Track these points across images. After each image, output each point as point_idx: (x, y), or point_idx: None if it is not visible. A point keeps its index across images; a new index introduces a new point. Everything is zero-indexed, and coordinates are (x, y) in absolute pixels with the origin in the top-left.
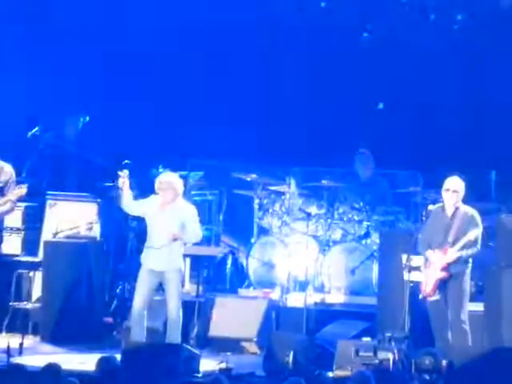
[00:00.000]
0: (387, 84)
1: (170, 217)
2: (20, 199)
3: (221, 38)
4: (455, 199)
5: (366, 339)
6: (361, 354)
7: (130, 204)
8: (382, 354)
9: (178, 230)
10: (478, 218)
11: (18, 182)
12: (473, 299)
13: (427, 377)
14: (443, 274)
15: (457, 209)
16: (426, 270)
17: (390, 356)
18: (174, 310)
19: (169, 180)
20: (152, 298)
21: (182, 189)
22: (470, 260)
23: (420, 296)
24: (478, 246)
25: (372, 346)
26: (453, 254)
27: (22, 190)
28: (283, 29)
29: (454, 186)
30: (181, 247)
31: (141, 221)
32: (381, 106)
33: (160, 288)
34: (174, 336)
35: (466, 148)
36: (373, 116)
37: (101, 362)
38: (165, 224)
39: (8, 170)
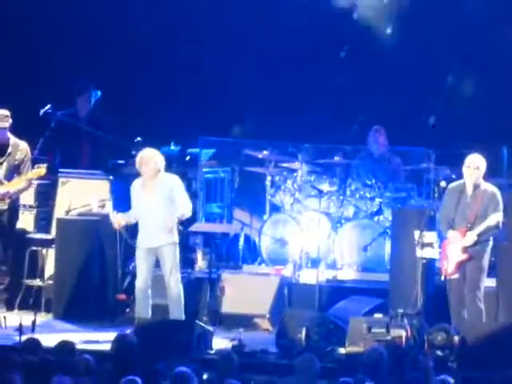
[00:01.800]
0: (399, 61)
1: (155, 193)
2: (38, 178)
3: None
4: (476, 176)
5: (378, 316)
6: (373, 330)
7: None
8: (394, 331)
9: (166, 203)
10: (499, 196)
11: (33, 160)
12: (487, 275)
13: (440, 353)
14: (464, 256)
15: (477, 187)
16: (446, 250)
17: (403, 333)
18: (173, 286)
19: (149, 154)
20: (152, 275)
21: (163, 164)
22: (491, 238)
23: (442, 277)
24: (499, 228)
25: (384, 322)
26: (472, 237)
27: (42, 170)
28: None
29: (474, 163)
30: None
31: None
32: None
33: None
34: (177, 312)
35: (478, 124)
36: (385, 92)
37: (117, 339)
38: (151, 201)
39: (23, 147)
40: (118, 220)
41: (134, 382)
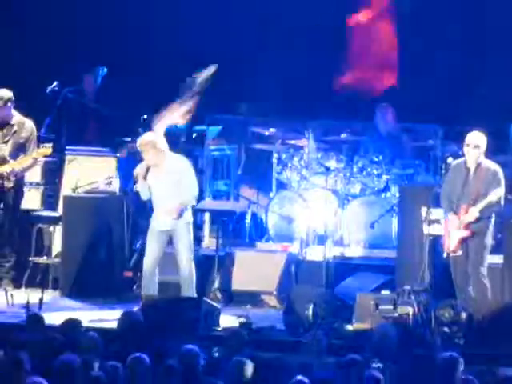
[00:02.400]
0: (408, 37)
1: (166, 179)
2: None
3: None
4: (476, 155)
5: (385, 293)
6: (381, 307)
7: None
8: (401, 308)
9: (176, 185)
10: (501, 174)
11: (39, 138)
12: (491, 252)
13: (447, 329)
14: (466, 233)
15: (479, 164)
16: (448, 228)
17: (410, 310)
18: (186, 265)
19: (147, 140)
20: (162, 254)
21: (165, 145)
22: (493, 215)
23: (444, 254)
24: (501, 204)
25: (391, 299)
26: (474, 213)
27: (47, 149)
28: None
29: (474, 141)
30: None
31: None
32: None
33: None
34: (188, 290)
35: (485, 100)
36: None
37: (124, 316)
38: (163, 187)
39: (29, 125)
40: (141, 172)
41: (141, 359)
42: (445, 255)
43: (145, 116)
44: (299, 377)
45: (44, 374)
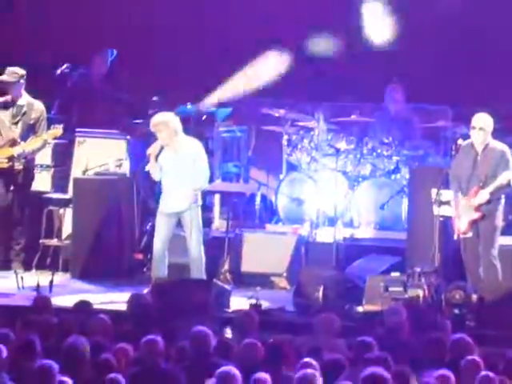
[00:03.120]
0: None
1: (179, 162)
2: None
3: None
4: (482, 137)
5: (395, 274)
6: (390, 289)
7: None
8: (411, 290)
9: (188, 168)
10: (509, 154)
11: (49, 120)
12: (502, 233)
13: (457, 311)
14: (477, 215)
15: (486, 145)
16: (458, 210)
17: (420, 292)
18: (195, 248)
19: (161, 120)
20: (172, 236)
21: (178, 124)
22: (503, 196)
23: (455, 236)
24: (511, 185)
25: (401, 281)
26: (485, 195)
27: (58, 130)
28: None
29: (480, 124)
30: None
31: None
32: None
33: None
34: (198, 273)
35: (495, 81)
36: (403, 49)
37: (132, 299)
38: (175, 170)
39: (38, 107)
40: (153, 152)
41: (154, 340)
42: (455, 237)
43: (155, 98)
44: (307, 359)
45: (55, 357)
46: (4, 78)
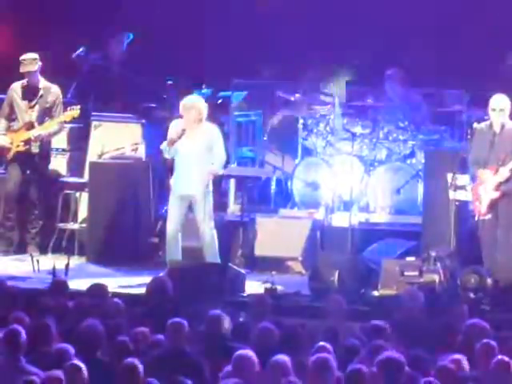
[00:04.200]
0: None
1: (195, 142)
2: (71, 121)
3: None
4: (502, 118)
5: (411, 259)
6: (406, 273)
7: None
8: (427, 274)
9: (205, 153)
10: None
11: (64, 104)
12: None
13: (472, 295)
14: (496, 194)
15: (503, 126)
16: (477, 190)
17: (436, 276)
18: (206, 232)
19: (193, 102)
20: (185, 220)
21: (206, 112)
22: None
23: (476, 218)
24: None
25: (417, 265)
26: (504, 173)
27: (75, 111)
28: None
29: (499, 105)
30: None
31: None
32: None
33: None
34: (211, 257)
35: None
36: (416, 33)
37: (152, 282)
38: (191, 150)
39: (55, 90)
40: (177, 131)
41: (180, 323)
42: (476, 219)
43: (170, 81)
44: (322, 343)
45: (70, 340)
46: (27, 68)
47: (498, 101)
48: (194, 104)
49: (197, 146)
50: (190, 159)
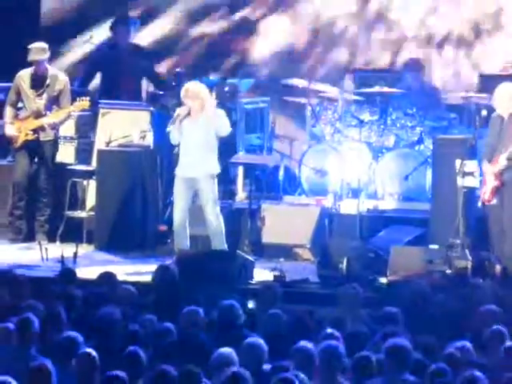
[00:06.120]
0: None
1: (199, 125)
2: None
3: None
4: (506, 106)
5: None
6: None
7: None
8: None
9: (208, 137)
10: None
11: (72, 92)
12: None
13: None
14: (497, 182)
15: (511, 114)
16: (485, 177)
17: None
18: (213, 218)
19: (195, 89)
20: (193, 208)
21: (209, 98)
22: None
23: (479, 203)
24: None
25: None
26: (501, 161)
27: (85, 102)
28: None
29: (502, 95)
30: (213, 153)
31: None
32: None
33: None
34: (218, 243)
35: None
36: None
37: (159, 269)
38: (194, 133)
39: (62, 78)
40: (181, 114)
41: (195, 311)
42: (479, 204)
43: (178, 69)
44: (330, 330)
45: (80, 328)
46: (35, 57)
47: (501, 90)
48: (196, 93)
49: (200, 129)
50: (194, 143)
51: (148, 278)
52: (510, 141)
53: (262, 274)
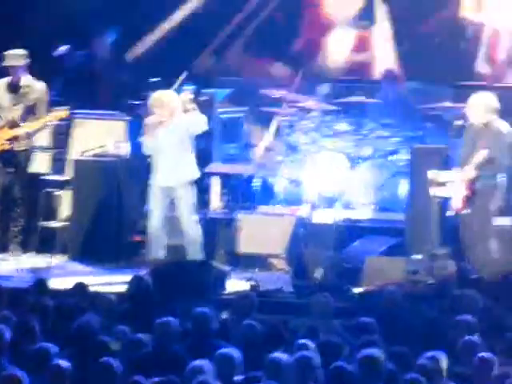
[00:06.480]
0: None
1: (171, 132)
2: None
3: None
4: (479, 116)
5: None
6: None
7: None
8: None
9: (182, 143)
10: (504, 133)
11: (50, 102)
12: (503, 213)
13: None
14: (468, 192)
15: (485, 124)
16: (454, 187)
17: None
18: (190, 228)
19: (160, 97)
20: (170, 218)
21: (179, 104)
22: (499, 176)
23: (452, 212)
24: (499, 164)
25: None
26: (469, 171)
27: (64, 112)
28: None
29: (473, 103)
30: (189, 158)
31: None
32: None
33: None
34: (194, 253)
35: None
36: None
37: (133, 280)
38: (170, 141)
39: (39, 88)
40: (152, 124)
41: (169, 322)
42: (450, 213)
43: (154, 79)
44: (303, 340)
45: (53, 339)
46: (13, 62)
47: (472, 99)
48: (161, 102)
49: (173, 136)
50: (168, 151)
51: (122, 289)
52: (480, 151)
53: (237, 284)
